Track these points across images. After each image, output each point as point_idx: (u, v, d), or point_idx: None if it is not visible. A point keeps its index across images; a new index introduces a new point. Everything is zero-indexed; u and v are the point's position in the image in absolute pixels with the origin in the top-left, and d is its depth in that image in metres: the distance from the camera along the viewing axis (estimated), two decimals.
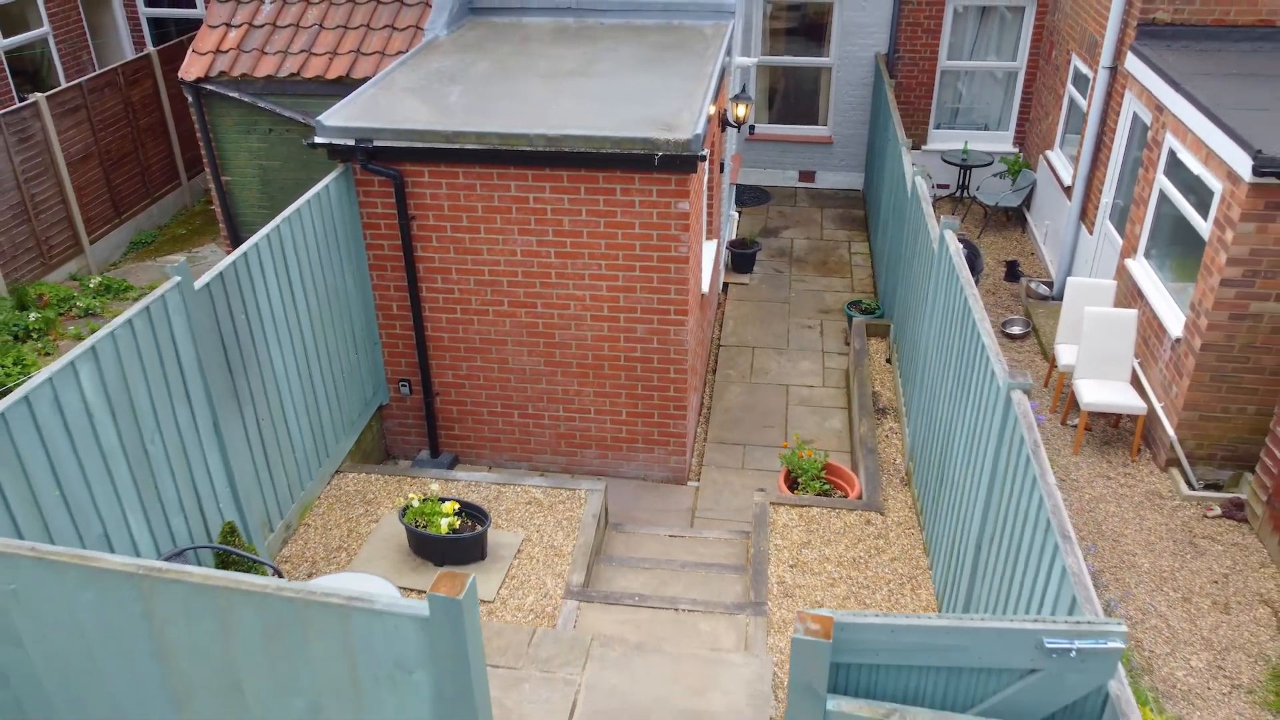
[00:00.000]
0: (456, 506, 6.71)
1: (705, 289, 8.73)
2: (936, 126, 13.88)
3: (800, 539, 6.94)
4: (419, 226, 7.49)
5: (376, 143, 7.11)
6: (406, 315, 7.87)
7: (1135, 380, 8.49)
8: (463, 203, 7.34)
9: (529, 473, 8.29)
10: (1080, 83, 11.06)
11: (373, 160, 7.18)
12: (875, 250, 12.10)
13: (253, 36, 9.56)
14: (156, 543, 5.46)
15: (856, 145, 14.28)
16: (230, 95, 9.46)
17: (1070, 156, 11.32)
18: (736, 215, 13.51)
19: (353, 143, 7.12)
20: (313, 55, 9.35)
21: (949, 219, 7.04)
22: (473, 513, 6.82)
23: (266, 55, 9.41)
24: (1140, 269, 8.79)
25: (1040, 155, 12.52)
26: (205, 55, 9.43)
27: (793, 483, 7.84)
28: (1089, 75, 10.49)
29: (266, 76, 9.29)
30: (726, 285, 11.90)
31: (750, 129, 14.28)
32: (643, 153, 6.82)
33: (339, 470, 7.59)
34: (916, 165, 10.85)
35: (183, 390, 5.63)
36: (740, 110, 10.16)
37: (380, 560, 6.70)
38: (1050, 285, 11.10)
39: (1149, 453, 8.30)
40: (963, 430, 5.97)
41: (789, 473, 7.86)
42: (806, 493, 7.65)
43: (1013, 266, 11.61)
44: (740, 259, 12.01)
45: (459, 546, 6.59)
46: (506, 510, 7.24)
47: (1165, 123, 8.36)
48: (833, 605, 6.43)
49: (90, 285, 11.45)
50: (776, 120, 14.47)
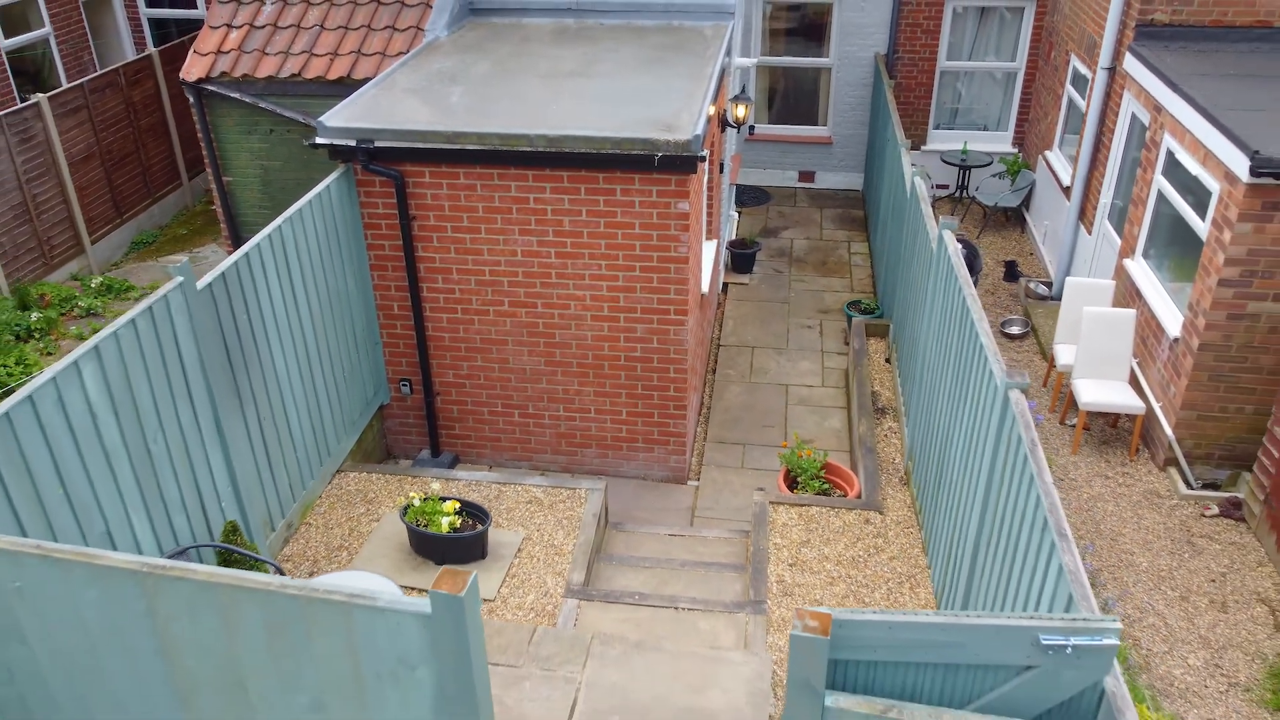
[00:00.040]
0: (457, 505, 6.74)
1: (705, 289, 8.76)
2: (936, 127, 13.90)
3: (799, 538, 6.97)
4: (420, 227, 7.51)
5: (378, 143, 7.14)
6: (407, 315, 7.90)
7: (1133, 380, 8.52)
8: (463, 203, 7.36)
9: (529, 472, 8.31)
10: (1079, 83, 11.09)
11: (374, 161, 7.21)
12: (875, 250, 12.13)
13: (254, 37, 9.58)
14: (159, 541, 5.49)
15: (856, 146, 14.30)
16: (231, 96, 9.48)
17: (1069, 157, 11.35)
18: (736, 215, 13.53)
19: (354, 143, 7.14)
20: (314, 56, 9.38)
21: (948, 219, 7.07)
22: (473, 512, 6.85)
23: (268, 56, 9.43)
24: (1138, 269, 8.82)
25: (1039, 155, 12.55)
26: (207, 56, 9.46)
27: (792, 482, 7.87)
28: (1088, 76, 10.52)
29: (268, 77, 9.31)
30: (726, 285, 11.92)
31: (750, 129, 14.30)
32: (643, 153, 6.85)
33: (340, 469, 7.62)
34: (915, 165, 10.88)
35: (185, 389, 5.66)
36: (740, 111, 10.18)
37: (381, 559, 6.73)
38: (1049, 285, 11.13)
39: (1147, 452, 8.33)
40: (961, 429, 6.00)
41: (788, 472, 7.89)
42: (806, 492, 7.68)
43: (1012, 266, 11.63)
44: (740, 259, 12.03)
45: (460, 545, 6.62)
46: (507, 509, 7.27)
47: (1163, 123, 8.39)
48: (832, 604, 6.46)
49: (92, 285, 11.47)
50: (776, 121, 14.50)
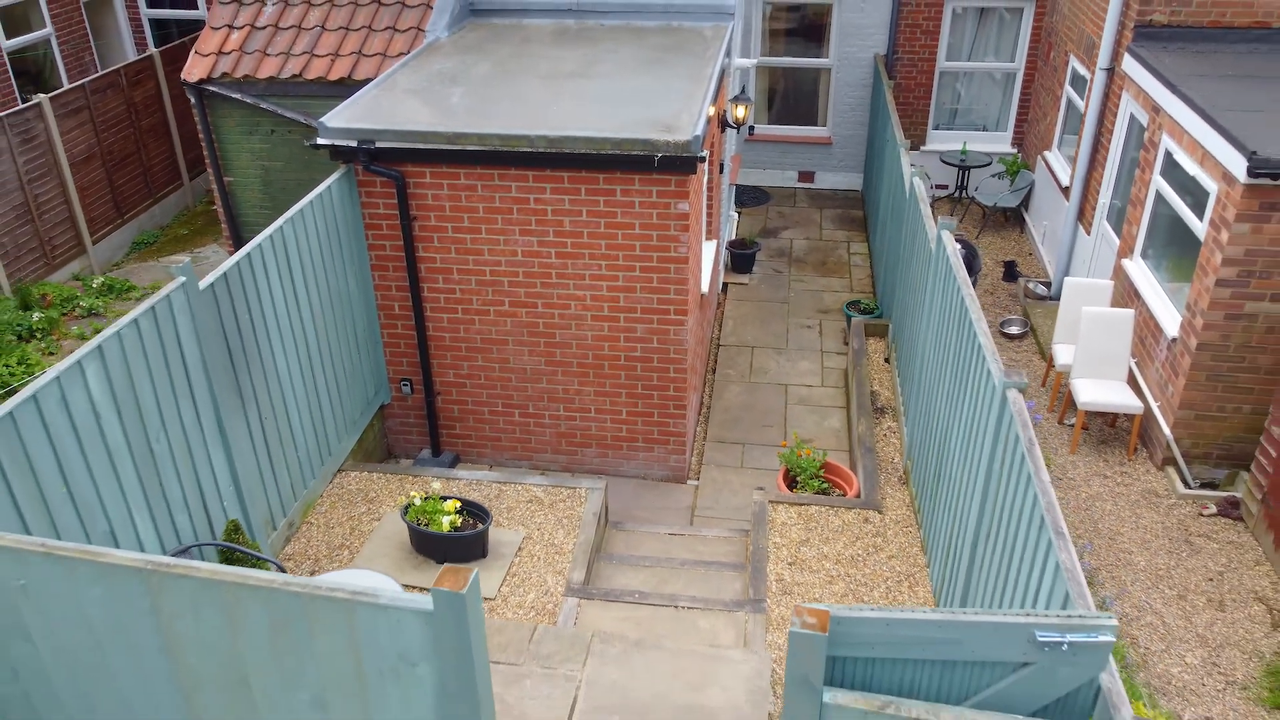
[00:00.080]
0: (458, 505, 6.77)
1: (705, 289, 8.79)
2: (935, 127, 13.93)
3: (799, 537, 7.00)
4: (420, 227, 7.54)
5: (379, 144, 7.16)
6: (408, 315, 7.93)
7: (1132, 380, 8.54)
8: (464, 203, 7.39)
9: (530, 471, 8.34)
10: (1078, 84, 11.11)
11: (375, 161, 7.24)
12: (874, 250, 12.15)
13: (255, 38, 9.61)
14: (161, 540, 5.52)
15: (856, 146, 14.33)
16: (233, 96, 9.51)
17: (1068, 157, 11.37)
18: (736, 216, 13.56)
19: (355, 144, 7.17)
20: (315, 57, 9.40)
21: (947, 219, 7.10)
22: (474, 511, 6.88)
23: (269, 57, 9.46)
24: (1137, 269, 8.85)
25: (1038, 156, 12.58)
26: (208, 57, 9.49)
27: (791, 481, 7.90)
28: (1086, 76, 10.55)
29: (269, 78, 9.33)
30: (726, 285, 11.95)
31: (750, 130, 14.33)
32: (643, 154, 6.88)
33: (341, 469, 7.65)
34: (915, 166, 10.91)
35: (187, 389, 5.69)
36: (740, 111, 10.21)
37: (382, 558, 6.75)
38: (1048, 285, 11.15)
39: (1145, 452, 8.35)
40: (959, 429, 6.03)
41: (788, 471, 7.92)
42: (805, 491, 7.71)
43: (1011, 267, 11.66)
44: (740, 259, 12.06)
45: (460, 544, 6.64)
46: (507, 508, 7.30)
47: (1162, 124, 8.41)
48: (831, 602, 6.48)
49: (93, 285, 11.50)
50: (776, 121, 14.52)
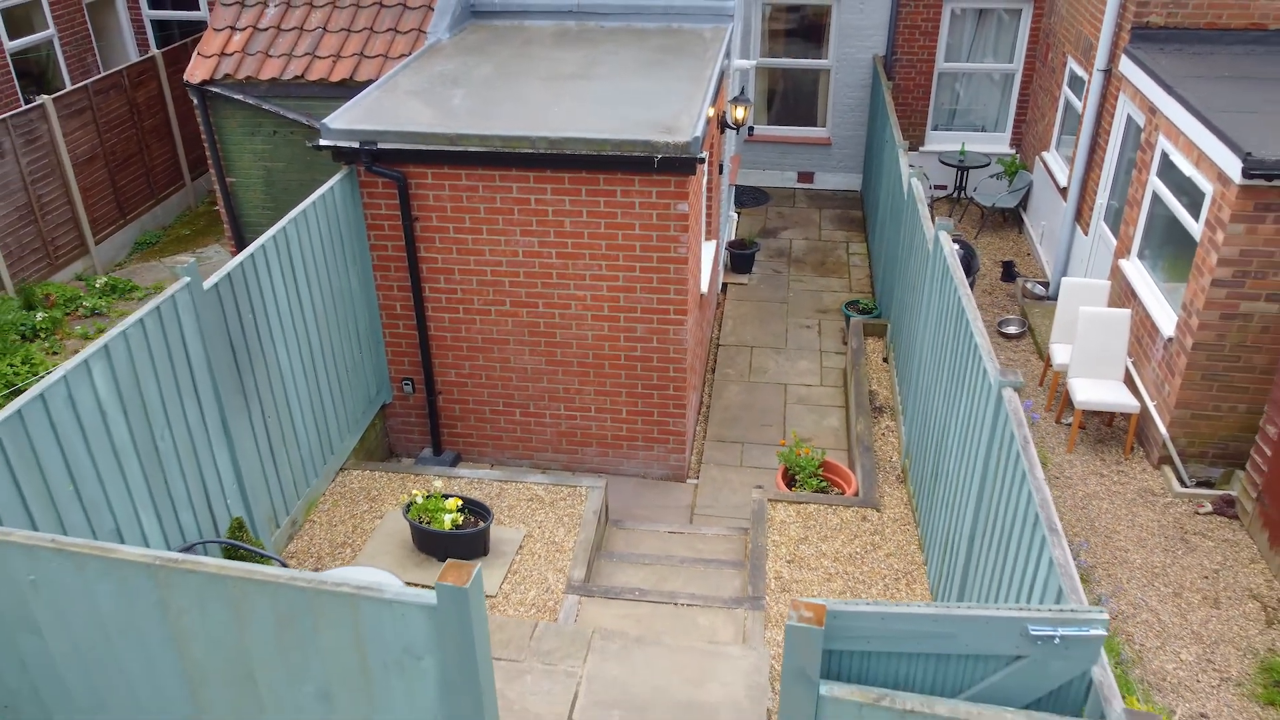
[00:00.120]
0: (459, 503, 6.82)
1: (704, 289, 8.85)
2: (934, 128, 13.98)
3: (798, 535, 7.05)
4: (422, 227, 7.60)
5: (381, 145, 7.22)
6: (410, 315, 7.98)
7: (1128, 379, 8.60)
8: (465, 204, 7.45)
9: (530, 470, 8.39)
10: (1076, 85, 11.17)
11: (377, 162, 7.30)
12: (873, 251, 12.21)
13: (257, 39, 9.67)
14: (166, 537, 5.58)
15: (855, 146, 14.38)
16: (235, 97, 9.56)
17: (1066, 158, 11.43)
18: (735, 216, 13.61)
19: (357, 145, 7.23)
20: (317, 58, 9.46)
21: (945, 220, 7.15)
22: (475, 509, 6.93)
23: (271, 58, 9.51)
24: (1134, 269, 8.90)
25: (1036, 157, 12.63)
26: (210, 58, 9.54)
27: (790, 480, 7.95)
28: (1084, 78, 10.60)
29: (271, 79, 9.39)
30: (725, 285, 12.01)
31: (749, 130, 14.39)
32: (643, 155, 6.94)
33: (343, 467, 7.71)
34: (913, 166, 10.96)
35: (192, 388, 5.75)
36: (739, 112, 10.26)
37: (384, 555, 6.81)
38: (1046, 285, 11.21)
39: (1142, 450, 8.41)
40: (957, 427, 6.08)
41: (787, 470, 7.97)
42: (804, 490, 7.76)
43: (1009, 267, 11.71)
44: (739, 259, 12.11)
45: (462, 542, 6.70)
46: (508, 507, 7.35)
47: (1158, 125, 8.47)
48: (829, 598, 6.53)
49: (97, 285, 11.55)
50: (775, 122, 14.57)
